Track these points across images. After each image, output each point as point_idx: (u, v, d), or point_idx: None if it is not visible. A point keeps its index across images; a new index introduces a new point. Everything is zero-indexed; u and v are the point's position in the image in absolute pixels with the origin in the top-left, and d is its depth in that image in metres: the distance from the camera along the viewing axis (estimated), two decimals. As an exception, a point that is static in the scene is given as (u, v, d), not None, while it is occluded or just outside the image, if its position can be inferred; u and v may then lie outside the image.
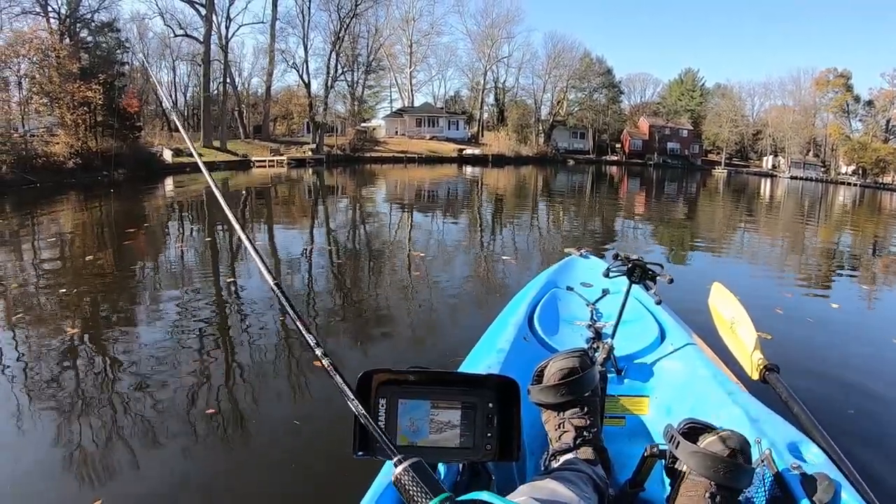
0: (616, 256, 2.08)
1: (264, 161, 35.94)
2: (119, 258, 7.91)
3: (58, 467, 2.66)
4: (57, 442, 2.86)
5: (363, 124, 49.62)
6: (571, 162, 51.89)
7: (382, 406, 1.13)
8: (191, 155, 34.21)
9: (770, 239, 12.18)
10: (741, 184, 38.11)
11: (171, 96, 48.25)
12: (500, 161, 45.65)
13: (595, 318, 2.38)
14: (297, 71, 44.74)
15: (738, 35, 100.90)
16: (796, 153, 57.11)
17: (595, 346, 2.05)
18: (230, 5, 39.78)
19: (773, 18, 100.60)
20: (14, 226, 11.98)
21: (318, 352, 1.07)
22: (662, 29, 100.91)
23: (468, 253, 8.55)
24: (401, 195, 20.32)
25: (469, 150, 47.77)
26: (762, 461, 1.27)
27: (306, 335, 1.10)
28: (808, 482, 1.18)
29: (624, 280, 2.06)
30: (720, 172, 51.72)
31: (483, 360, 1.87)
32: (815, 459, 1.29)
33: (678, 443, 1.17)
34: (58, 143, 25.20)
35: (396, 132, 50.47)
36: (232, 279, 6.57)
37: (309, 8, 43.41)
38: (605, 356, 1.95)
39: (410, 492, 0.90)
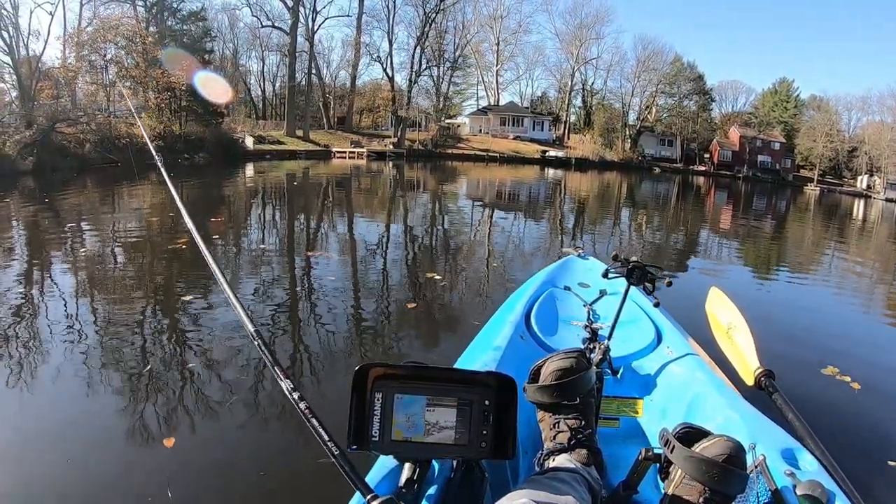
0: (616, 257, 1.98)
1: (344, 152, 35.16)
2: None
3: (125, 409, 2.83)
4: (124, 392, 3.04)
5: (448, 121, 47.90)
6: (657, 170, 48.04)
7: (378, 400, 1.09)
8: (273, 143, 33.17)
9: (858, 267, 10.47)
10: (833, 203, 34.31)
11: (259, 85, 47.98)
12: (583, 165, 42.93)
13: (592, 318, 2.25)
14: (381, 64, 43.69)
15: (837, 44, 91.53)
16: (893, 173, 51.07)
17: (591, 346, 1.95)
18: (316, -2, 39.10)
19: (874, 27, 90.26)
20: (95, 200, 12.80)
21: (295, 396, 1.07)
22: (756, 33, 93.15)
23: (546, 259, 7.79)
24: (480, 195, 19.20)
25: (552, 152, 44.94)
26: (756, 467, 1.20)
27: (282, 382, 1.10)
28: (802, 489, 1.13)
29: (622, 282, 1.96)
30: (812, 190, 46.55)
31: (479, 357, 1.77)
32: (809, 467, 1.25)
33: (673, 447, 1.11)
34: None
35: (480, 130, 48.36)
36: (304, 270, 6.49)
37: (394, 2, 42.26)
38: (601, 357, 1.83)
39: None
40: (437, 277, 6.06)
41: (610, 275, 2.00)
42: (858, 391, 3.58)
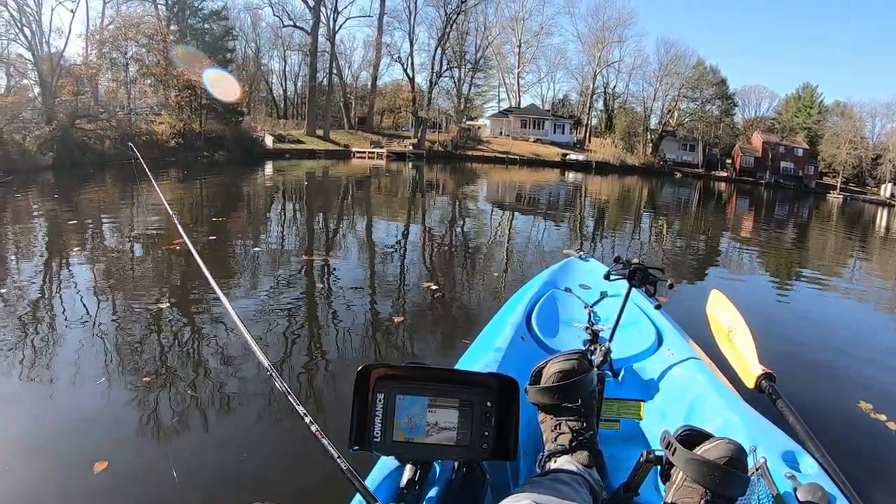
0: (617, 259, 1.96)
1: (364, 152, 34.69)
2: (205, 232, 7.84)
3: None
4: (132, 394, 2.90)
5: (468, 122, 47.12)
6: (678, 175, 46.71)
7: (380, 401, 1.07)
8: (293, 142, 32.81)
9: (881, 282, 9.78)
10: (855, 212, 33.27)
11: (281, 84, 47.81)
12: (603, 168, 41.77)
13: (593, 320, 2.23)
14: (402, 65, 43.03)
15: (861, 47, 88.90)
16: (917, 182, 49.66)
17: (592, 348, 1.92)
18: (338, -2, 38.80)
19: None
20: (114, 195, 13.04)
21: (307, 419, 1.06)
22: (780, 36, 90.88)
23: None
24: (499, 198, 18.82)
25: (572, 156, 43.82)
26: (757, 470, 1.17)
27: (297, 406, 1.09)
28: (803, 492, 1.13)
29: (623, 284, 1.92)
30: (835, 197, 45.11)
31: (480, 358, 1.75)
32: (810, 470, 1.23)
33: (675, 449, 1.09)
34: (161, 123, 25.05)
35: (501, 132, 47.40)
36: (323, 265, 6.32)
37: (416, 2, 41.63)
38: (602, 359, 1.80)
39: None
40: (443, 281, 5.85)
41: (611, 276, 1.96)
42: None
